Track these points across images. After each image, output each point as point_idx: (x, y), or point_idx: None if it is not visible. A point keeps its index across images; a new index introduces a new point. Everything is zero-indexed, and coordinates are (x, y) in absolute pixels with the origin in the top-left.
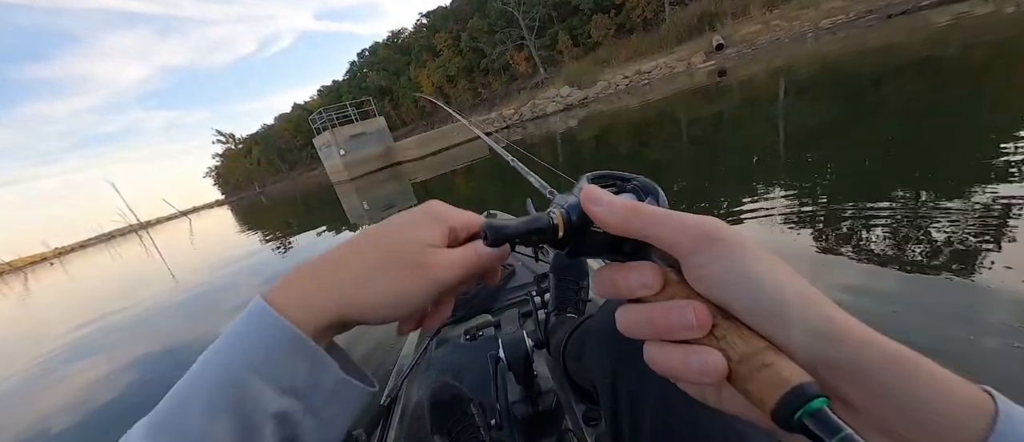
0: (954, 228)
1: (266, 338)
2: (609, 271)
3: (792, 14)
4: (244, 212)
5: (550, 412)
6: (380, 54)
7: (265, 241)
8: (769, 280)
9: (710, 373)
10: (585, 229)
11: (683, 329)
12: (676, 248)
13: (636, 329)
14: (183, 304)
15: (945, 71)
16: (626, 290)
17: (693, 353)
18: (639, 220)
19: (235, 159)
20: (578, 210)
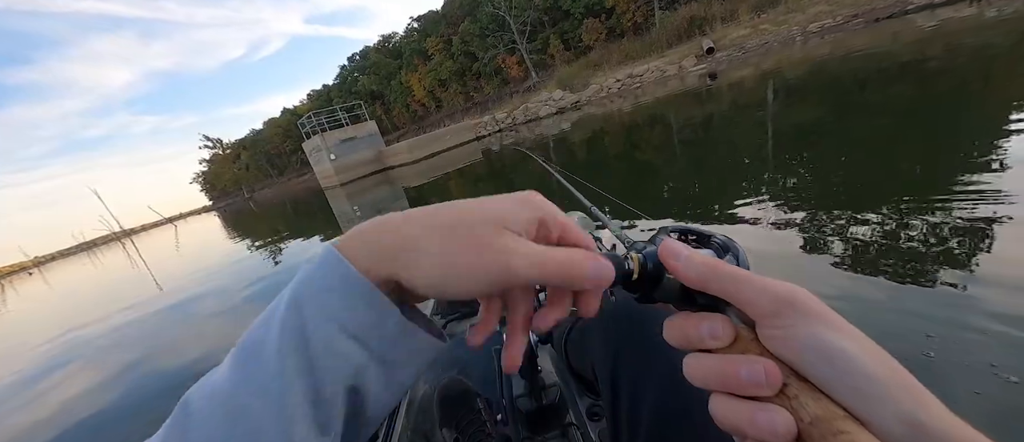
0: (934, 229)
1: (332, 281)
2: (680, 319)
3: (780, 18)
4: (232, 218)
5: (554, 406)
6: (371, 58)
7: (254, 248)
8: (855, 354)
9: (778, 432)
10: (659, 277)
11: (752, 384)
12: (754, 308)
13: (702, 378)
14: (169, 314)
15: (927, 74)
16: (696, 339)
17: (760, 410)
18: (717, 277)
19: (223, 165)
20: (655, 259)
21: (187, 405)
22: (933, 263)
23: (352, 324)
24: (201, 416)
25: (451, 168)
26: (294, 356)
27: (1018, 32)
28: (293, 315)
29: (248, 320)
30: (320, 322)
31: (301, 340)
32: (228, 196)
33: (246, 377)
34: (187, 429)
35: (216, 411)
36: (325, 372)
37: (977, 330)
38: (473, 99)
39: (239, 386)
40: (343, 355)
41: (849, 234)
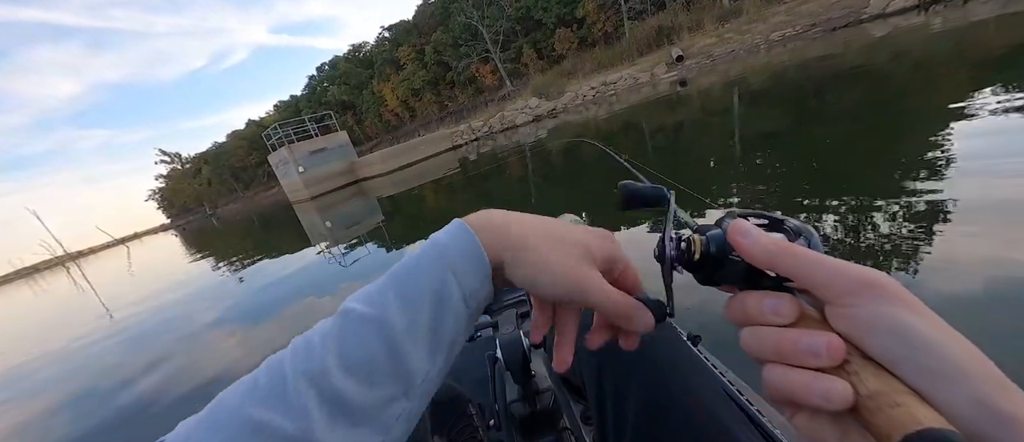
0: (886, 221)
1: (464, 248)
2: (742, 296)
3: (743, 28)
4: (193, 236)
5: (548, 411)
6: (341, 68)
7: (218, 267)
8: (932, 335)
9: (833, 399)
10: (722, 259)
11: (810, 354)
12: (826, 289)
13: (758, 347)
14: (121, 342)
15: (875, 79)
16: (758, 315)
17: (818, 378)
18: (786, 257)
19: (182, 180)
20: (719, 241)
21: (347, 312)
22: (886, 252)
23: (467, 289)
24: (354, 315)
25: (427, 178)
26: (431, 293)
27: (957, 40)
28: (437, 265)
29: (215, 346)
30: (450, 280)
31: (437, 286)
32: (189, 213)
33: (397, 293)
34: (343, 322)
35: (367, 311)
36: (443, 316)
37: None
38: (447, 108)
39: (389, 297)
40: (454, 305)
41: (811, 225)
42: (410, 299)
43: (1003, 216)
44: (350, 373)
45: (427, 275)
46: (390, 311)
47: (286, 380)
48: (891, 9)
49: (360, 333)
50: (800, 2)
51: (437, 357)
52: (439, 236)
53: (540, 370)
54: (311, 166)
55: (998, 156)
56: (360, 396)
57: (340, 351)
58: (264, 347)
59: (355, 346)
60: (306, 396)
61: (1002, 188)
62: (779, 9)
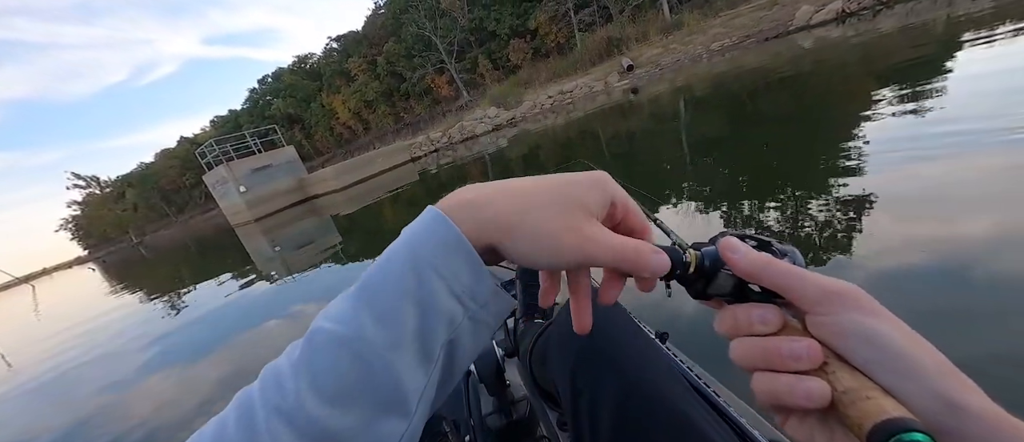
0: (817, 212)
1: (441, 239)
2: (733, 308)
3: (686, 39)
4: (117, 269)
5: (524, 421)
6: (286, 80)
7: (148, 301)
8: (896, 338)
9: (814, 398)
10: (715, 272)
11: (792, 358)
12: (805, 300)
13: (747, 356)
14: (24, 397)
15: (798, 85)
16: (746, 324)
17: (801, 380)
18: (771, 270)
19: (101, 206)
20: (713, 256)
21: (313, 334)
22: (819, 239)
23: (456, 285)
24: (323, 336)
25: (385, 192)
26: (411, 300)
27: (866, 49)
28: (412, 268)
29: (149, 394)
30: (432, 278)
31: (417, 288)
32: (110, 243)
33: (370, 307)
34: (313, 346)
35: (338, 329)
36: (431, 319)
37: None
38: (403, 120)
39: (362, 312)
40: (446, 310)
41: (754, 223)
42: (388, 311)
43: (901, 200)
44: (332, 403)
45: (403, 279)
46: (365, 327)
47: (256, 420)
48: (814, 22)
49: (332, 356)
50: (733, 16)
51: (431, 368)
52: (412, 231)
53: (514, 379)
54: (254, 185)
55: (897, 149)
56: (348, 427)
57: (313, 379)
58: (210, 391)
59: (329, 371)
60: (281, 436)
61: (901, 176)
62: (715, 22)
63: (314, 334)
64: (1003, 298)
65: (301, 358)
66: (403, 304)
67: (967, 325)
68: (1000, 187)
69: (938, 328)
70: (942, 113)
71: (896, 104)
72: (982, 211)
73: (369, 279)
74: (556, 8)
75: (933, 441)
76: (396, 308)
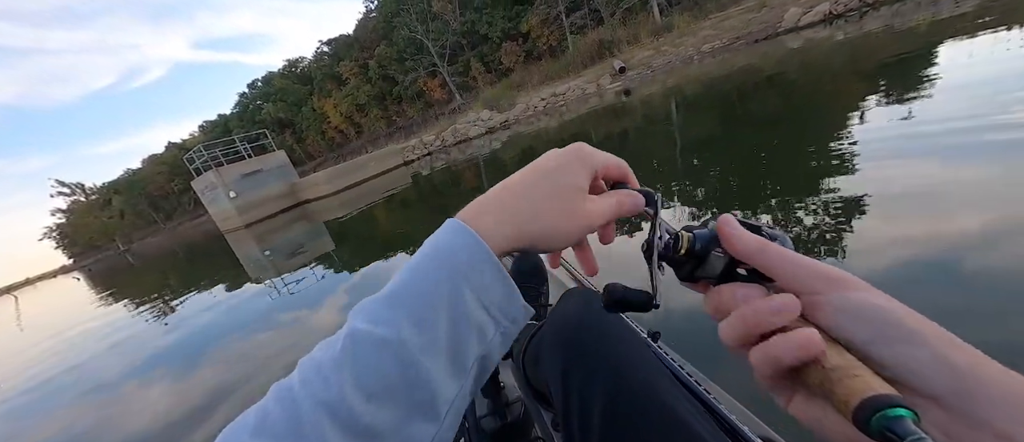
0: (808, 212)
1: (471, 253)
2: (719, 289)
3: (677, 41)
4: (103, 277)
5: (519, 422)
6: (276, 84)
7: (135, 310)
8: (888, 308)
9: (811, 345)
10: (705, 255)
11: (773, 312)
12: (796, 282)
13: (734, 331)
14: (4, 410)
15: (786, 86)
16: (731, 301)
17: (793, 332)
18: (766, 254)
19: (87, 214)
20: (705, 239)
21: (354, 333)
22: (812, 241)
23: (485, 297)
24: (364, 336)
25: (378, 196)
26: (446, 310)
27: (853, 50)
28: (445, 277)
29: (135, 404)
30: (464, 288)
31: (451, 298)
32: (97, 251)
33: (409, 312)
34: (355, 343)
35: (377, 331)
36: (462, 327)
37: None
38: (396, 123)
39: (401, 316)
40: (476, 322)
41: (746, 219)
42: (423, 316)
43: (890, 198)
44: (371, 400)
45: (438, 290)
46: (403, 329)
47: (301, 411)
48: (802, 23)
49: (376, 356)
50: (723, 18)
51: (463, 379)
52: (439, 243)
53: (508, 381)
54: (244, 190)
55: (882, 147)
56: (385, 425)
57: (357, 377)
58: (200, 400)
59: (372, 371)
60: (325, 428)
61: (890, 174)
62: (705, 24)
63: (355, 333)
64: (1000, 294)
65: (343, 354)
66: (437, 312)
67: (965, 322)
68: (990, 185)
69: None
70: (926, 111)
71: (882, 103)
72: (972, 209)
73: (404, 286)
74: (547, 11)
75: (917, 416)
76: (431, 315)
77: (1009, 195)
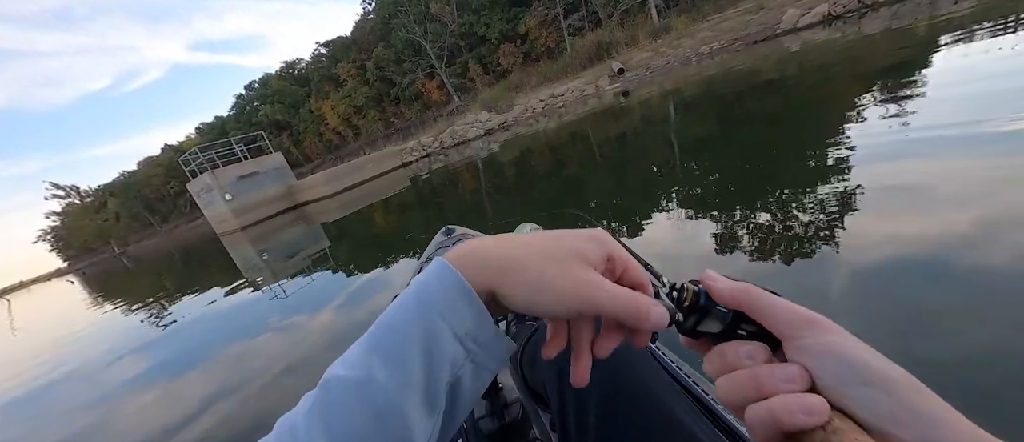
0: (805, 211)
1: (446, 285)
2: (721, 348)
3: (675, 42)
4: (98, 280)
5: (517, 423)
6: (273, 86)
7: (130, 313)
8: (867, 357)
9: (814, 411)
10: (709, 309)
11: (785, 380)
12: (782, 326)
13: (736, 390)
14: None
15: (784, 88)
16: (734, 360)
17: (796, 395)
18: (749, 296)
19: (82, 216)
20: (706, 294)
21: (327, 381)
22: (809, 239)
23: (459, 328)
24: (336, 382)
25: (376, 198)
26: (417, 343)
27: (852, 51)
28: (418, 312)
29: (129, 409)
30: (437, 322)
31: (424, 331)
32: (91, 254)
33: (379, 349)
34: (326, 392)
35: (350, 374)
36: (436, 361)
37: (846, 283)
38: (394, 125)
39: (372, 355)
40: (449, 352)
41: (744, 223)
42: (396, 353)
43: (883, 199)
44: None
45: (410, 323)
46: (375, 371)
47: None
48: (801, 25)
49: (346, 402)
50: (721, 19)
51: (435, 411)
52: (419, 279)
53: (507, 382)
54: (241, 192)
55: (878, 148)
56: None
57: (326, 425)
58: (195, 406)
59: (342, 416)
60: None
61: (885, 174)
62: (703, 26)
63: (327, 381)
64: (987, 292)
65: (315, 406)
66: (410, 347)
67: (961, 318)
68: (980, 184)
69: (931, 323)
70: (921, 112)
71: (879, 104)
72: (963, 208)
73: (379, 325)
74: (545, 13)
75: None
76: (403, 351)
77: (994, 193)
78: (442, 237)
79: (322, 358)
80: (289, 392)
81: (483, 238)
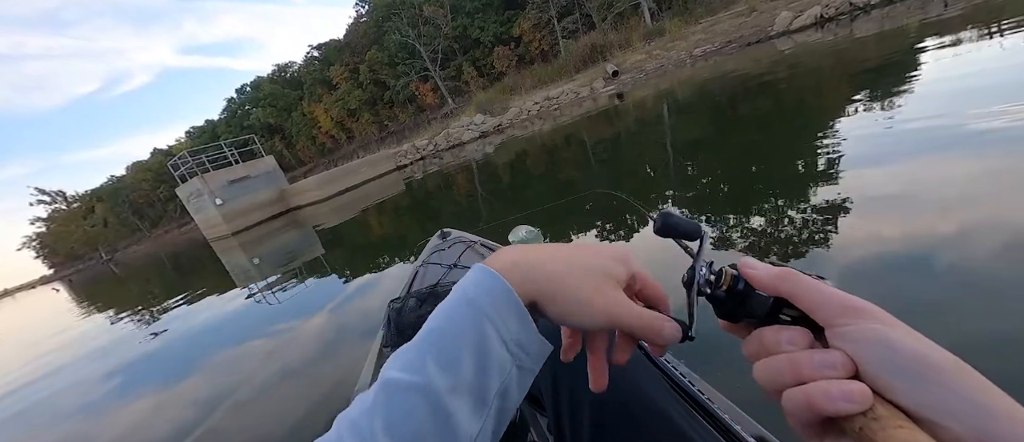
0: (797, 212)
1: (496, 295)
2: (760, 332)
3: (669, 45)
4: (85, 287)
5: (515, 425)
6: (265, 89)
7: (118, 321)
8: (918, 348)
9: (856, 398)
10: (748, 294)
11: (826, 366)
12: (825, 312)
13: (773, 375)
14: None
15: (776, 89)
16: (774, 345)
17: (836, 382)
18: (790, 282)
19: (69, 222)
20: (743, 279)
21: (387, 383)
22: (802, 239)
23: (507, 335)
24: (394, 384)
25: (370, 202)
26: (470, 349)
27: (841, 52)
28: (470, 319)
29: (120, 418)
30: (487, 328)
31: (475, 338)
32: (79, 260)
33: (433, 353)
34: (387, 392)
35: (407, 378)
36: (487, 367)
37: (840, 283)
38: (387, 128)
39: (427, 358)
40: (498, 359)
41: (738, 224)
42: (450, 358)
43: (876, 197)
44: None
45: (463, 328)
46: (432, 374)
47: None
48: (794, 27)
49: (404, 402)
50: (714, 22)
51: (483, 415)
52: (465, 286)
53: None
54: (232, 197)
55: (867, 146)
56: None
57: (387, 425)
58: (186, 415)
59: (401, 417)
60: None
61: (869, 173)
62: (696, 28)
63: (387, 383)
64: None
65: (375, 403)
66: (463, 353)
67: (954, 314)
68: (971, 183)
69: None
70: (908, 112)
71: (869, 105)
72: (955, 207)
73: (431, 331)
74: (539, 16)
75: None
76: (457, 355)
77: (979, 190)
78: (437, 241)
79: (318, 367)
80: (284, 402)
81: (521, 250)
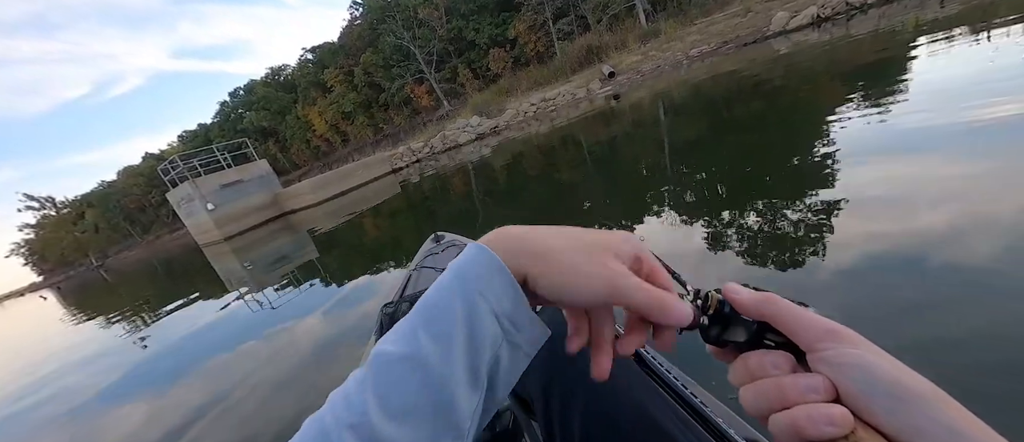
0: (792, 212)
1: (483, 266)
2: (746, 357)
3: (664, 46)
4: (75, 294)
5: (508, 432)
6: (259, 92)
7: (109, 328)
8: (888, 369)
9: (837, 421)
10: (734, 318)
11: (809, 390)
12: (805, 336)
13: (761, 399)
14: None
15: (771, 90)
16: (759, 369)
17: (820, 406)
18: (773, 306)
19: (58, 228)
20: (729, 304)
21: (377, 355)
22: (796, 239)
23: (497, 307)
24: (385, 357)
25: (366, 206)
26: (460, 319)
27: (836, 52)
28: (459, 291)
29: (112, 426)
30: (476, 299)
31: (465, 308)
32: (69, 267)
33: (425, 325)
34: (377, 365)
35: (399, 349)
36: (477, 339)
37: (832, 280)
38: (383, 131)
39: (418, 330)
40: (489, 330)
41: (735, 225)
42: (440, 329)
43: (870, 198)
44: (393, 418)
45: (453, 300)
46: (422, 346)
47: (329, 437)
48: (790, 27)
49: (395, 374)
50: (709, 23)
51: (479, 386)
52: (457, 261)
53: None
54: (224, 202)
55: (861, 146)
56: (407, 440)
57: (379, 396)
58: (180, 421)
59: (393, 388)
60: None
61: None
62: (692, 29)
63: (377, 356)
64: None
65: (366, 377)
66: (453, 323)
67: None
68: (963, 183)
69: (921, 316)
70: (903, 111)
71: (863, 104)
72: (948, 206)
73: (424, 303)
74: (534, 17)
75: None
76: (447, 327)
77: (972, 188)
78: (432, 244)
79: (312, 373)
80: (276, 408)
81: (516, 227)
